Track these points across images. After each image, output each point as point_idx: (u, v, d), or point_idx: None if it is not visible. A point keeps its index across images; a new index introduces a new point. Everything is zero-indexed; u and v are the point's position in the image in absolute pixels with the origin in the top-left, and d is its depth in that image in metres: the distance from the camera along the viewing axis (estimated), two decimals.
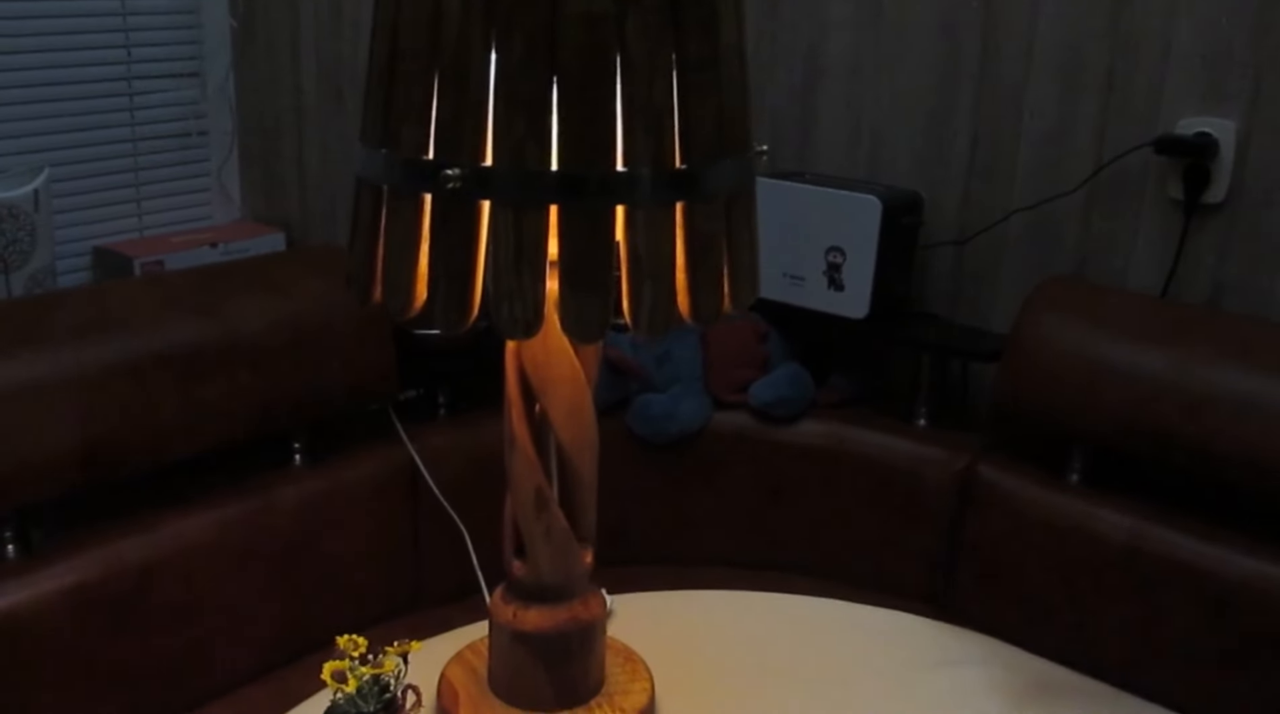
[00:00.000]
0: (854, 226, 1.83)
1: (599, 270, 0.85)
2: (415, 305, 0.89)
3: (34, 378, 1.44)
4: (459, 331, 0.88)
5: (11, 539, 1.47)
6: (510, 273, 0.84)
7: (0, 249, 1.58)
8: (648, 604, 1.31)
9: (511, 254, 0.84)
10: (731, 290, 0.93)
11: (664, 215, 0.86)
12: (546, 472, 1.03)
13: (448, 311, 0.87)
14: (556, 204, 0.84)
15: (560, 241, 0.84)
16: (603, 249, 0.85)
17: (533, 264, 0.85)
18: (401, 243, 0.88)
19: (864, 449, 1.85)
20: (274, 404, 1.63)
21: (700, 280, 0.89)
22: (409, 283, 0.89)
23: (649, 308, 0.87)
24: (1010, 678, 1.21)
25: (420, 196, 0.86)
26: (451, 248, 0.86)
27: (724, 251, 0.91)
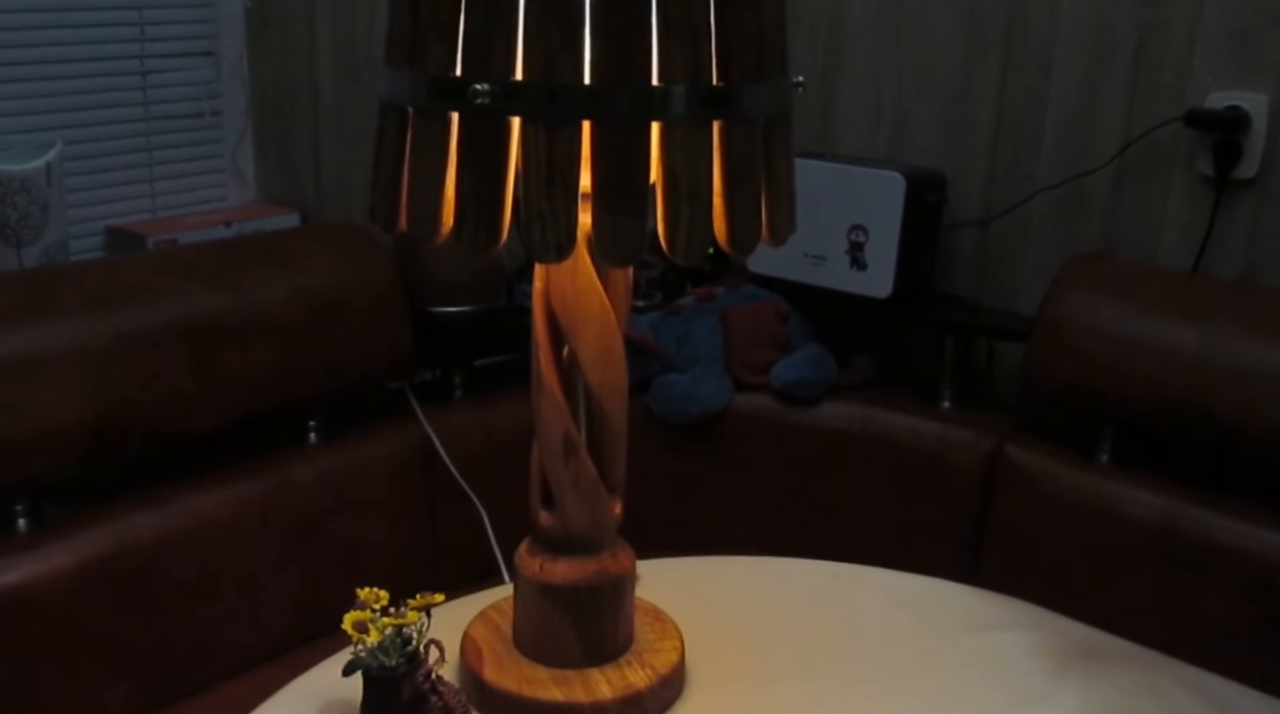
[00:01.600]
0: (877, 205, 1.80)
1: (633, 190, 0.82)
2: (442, 231, 0.86)
3: (44, 349, 1.41)
4: (487, 254, 0.85)
5: (23, 513, 1.44)
6: (542, 193, 0.81)
7: (13, 223, 1.56)
8: (674, 569, 1.28)
9: (543, 173, 0.81)
10: (769, 220, 0.90)
11: (701, 134, 0.83)
12: (575, 417, 0.99)
13: (476, 235, 0.84)
14: (590, 120, 0.81)
15: (593, 160, 0.82)
16: (638, 168, 0.82)
17: (565, 184, 0.82)
18: (428, 166, 0.85)
19: (888, 431, 1.81)
20: (289, 379, 1.60)
21: (738, 206, 0.86)
22: (435, 208, 0.86)
23: (686, 232, 0.84)
24: (1051, 642, 1.17)
25: (447, 116, 0.84)
26: (480, 169, 0.83)
27: (762, 178, 0.88)
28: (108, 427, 1.44)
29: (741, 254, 0.87)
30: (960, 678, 1.11)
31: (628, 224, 0.82)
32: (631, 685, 1.02)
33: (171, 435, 1.52)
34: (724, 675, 1.10)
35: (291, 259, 1.62)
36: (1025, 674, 1.12)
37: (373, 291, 1.68)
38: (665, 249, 0.84)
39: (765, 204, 0.89)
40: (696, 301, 1.90)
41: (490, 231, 0.84)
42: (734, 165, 0.85)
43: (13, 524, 1.43)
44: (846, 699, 1.08)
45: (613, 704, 1.01)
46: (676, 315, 1.88)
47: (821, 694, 1.08)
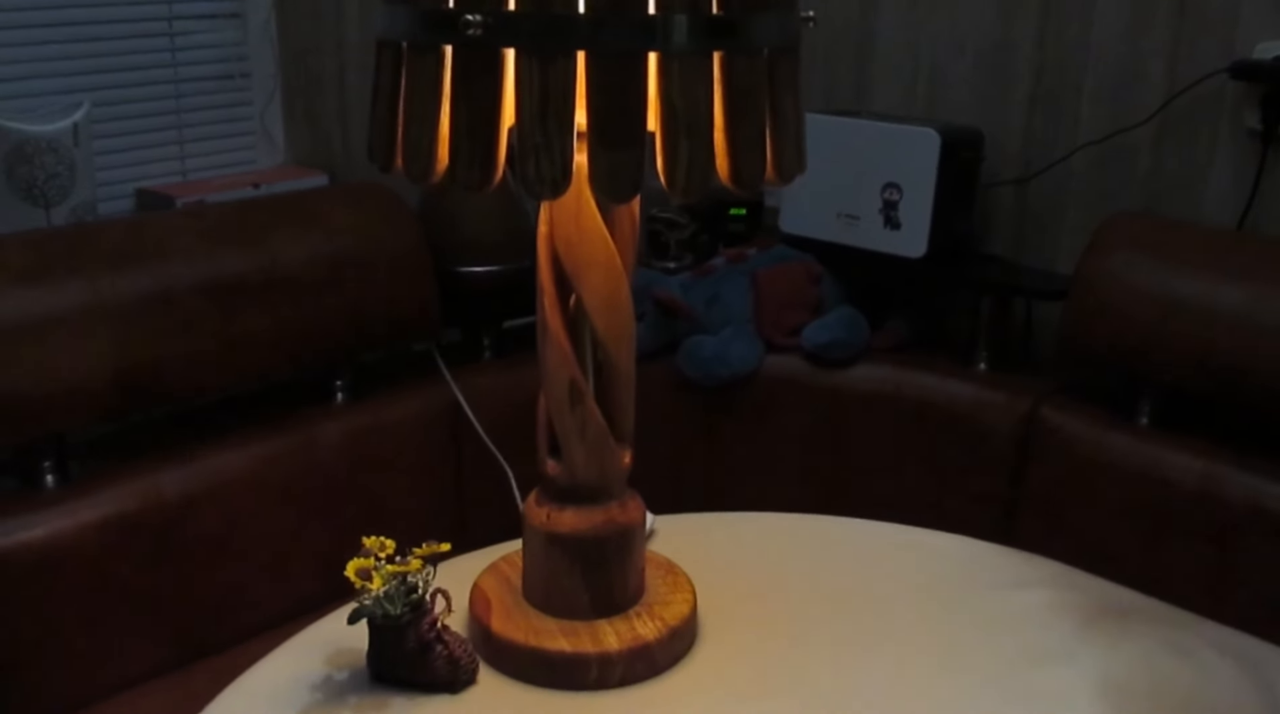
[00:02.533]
0: (911, 162, 1.76)
1: (630, 124, 0.80)
2: (437, 169, 0.85)
3: (68, 307, 1.42)
4: (481, 192, 0.83)
5: (50, 469, 1.45)
6: (536, 126, 0.80)
7: (40, 183, 1.57)
8: (690, 524, 1.26)
9: (537, 106, 0.79)
10: (775, 157, 0.87)
11: (701, 65, 0.81)
12: (582, 364, 0.98)
13: (470, 171, 0.82)
14: (585, 50, 0.78)
15: (589, 92, 0.80)
16: (634, 100, 0.80)
17: (560, 117, 0.80)
18: (422, 101, 0.83)
19: (922, 393, 1.78)
20: (313, 338, 1.60)
21: (741, 140, 0.84)
22: (430, 145, 0.84)
23: (685, 167, 0.82)
24: (1075, 600, 1.14)
25: (440, 49, 0.82)
26: (474, 103, 0.81)
27: (766, 112, 0.85)
28: (131, 384, 1.45)
29: (745, 190, 0.85)
30: (980, 635, 1.09)
31: (624, 159, 0.80)
32: (640, 637, 1.01)
33: (195, 393, 1.52)
34: (737, 630, 1.08)
35: (315, 219, 1.61)
36: (1047, 632, 1.09)
37: (397, 251, 1.67)
38: (664, 185, 0.82)
39: (770, 140, 0.86)
40: (727, 263, 1.87)
41: (484, 169, 0.82)
42: (736, 98, 0.82)
43: (40, 480, 1.44)
44: (861, 655, 1.05)
45: (620, 655, 1.00)
46: (707, 277, 1.86)
47: (836, 650, 1.06)
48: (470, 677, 1.00)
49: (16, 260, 1.41)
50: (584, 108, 0.80)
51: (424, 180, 0.85)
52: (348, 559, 0.96)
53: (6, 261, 1.40)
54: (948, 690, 1.01)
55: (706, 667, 1.03)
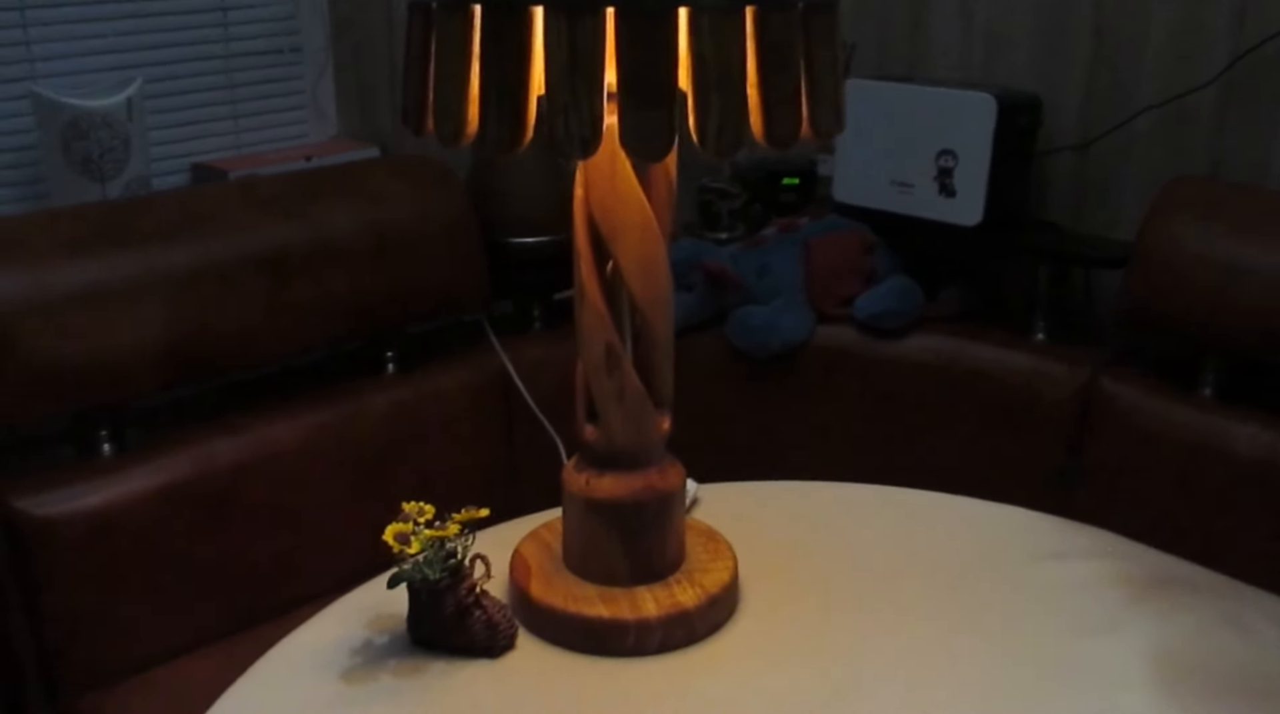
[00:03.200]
0: (967, 129, 1.72)
1: (661, 81, 0.79)
2: (467, 130, 0.84)
3: (122, 278, 1.43)
4: (510, 154, 0.82)
5: (107, 438, 1.47)
6: (564, 85, 0.79)
7: (96, 157, 1.59)
8: (737, 493, 1.25)
9: (565, 64, 0.78)
10: (811, 115, 0.86)
11: (733, 20, 0.79)
12: (619, 328, 0.97)
13: (500, 132, 0.82)
14: (613, 7, 0.77)
15: (618, 50, 0.78)
16: (665, 57, 0.78)
17: (589, 75, 0.79)
18: (451, 62, 0.83)
19: (977, 364, 1.75)
20: (363, 309, 1.61)
21: (774, 97, 0.82)
22: (459, 106, 0.84)
23: (717, 124, 0.80)
24: (1127, 571, 1.11)
25: (469, 9, 0.81)
26: (502, 62, 0.81)
27: (801, 68, 0.84)
28: (182, 354, 1.47)
29: (778, 148, 0.84)
30: (1026, 605, 1.07)
31: (655, 117, 0.79)
32: (679, 604, 1.00)
33: (245, 364, 1.53)
34: (779, 599, 1.07)
35: (364, 191, 1.62)
36: (1095, 602, 1.07)
37: (446, 223, 1.67)
38: (696, 141, 0.81)
39: (806, 97, 0.84)
40: (779, 232, 1.85)
41: (513, 130, 0.82)
42: (769, 54, 0.81)
43: (97, 449, 1.46)
44: (902, 625, 1.04)
45: (658, 622, 0.99)
46: (758, 247, 1.84)
47: (877, 620, 1.05)
48: (509, 642, 1.00)
49: (71, 233, 1.43)
50: (614, 66, 0.79)
51: (454, 142, 0.84)
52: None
53: (61, 234, 1.42)
54: (992, 660, 0.99)
55: (746, 634, 1.03)
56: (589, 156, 0.80)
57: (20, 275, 1.38)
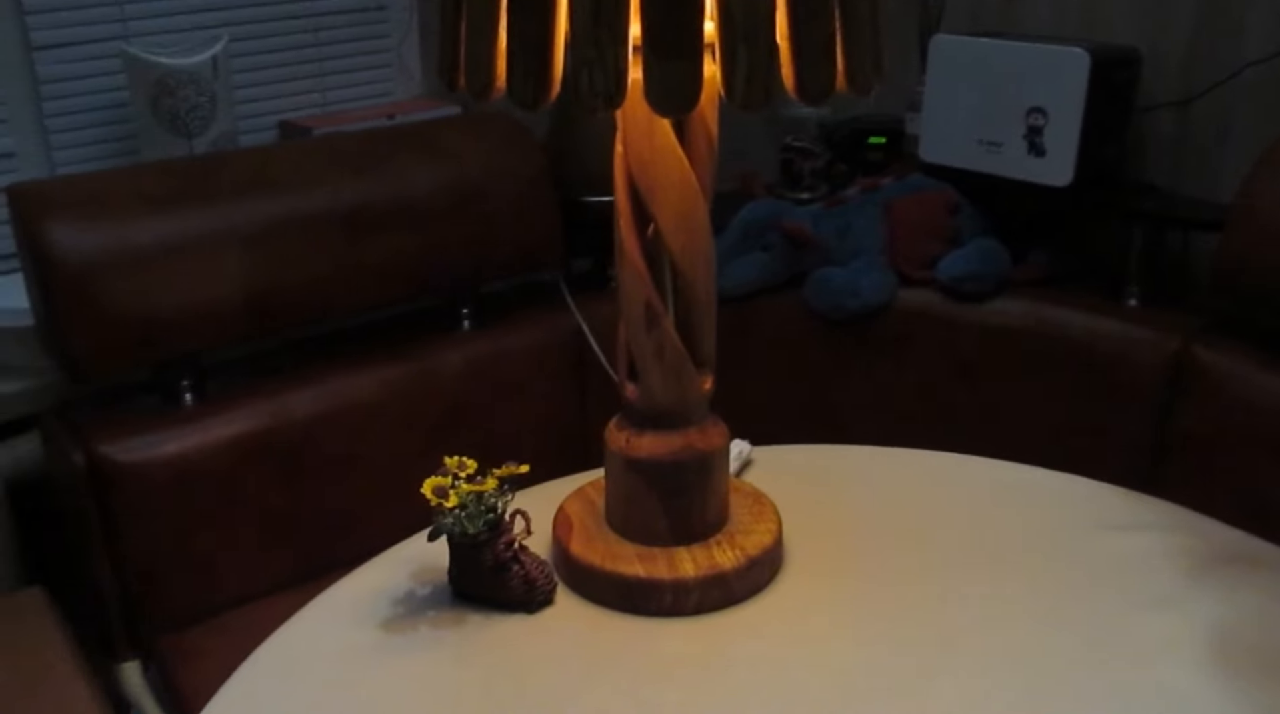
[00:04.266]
0: (1058, 85, 1.67)
1: (685, 33, 0.77)
2: (496, 85, 0.84)
3: (202, 232, 1.47)
4: (537, 109, 0.82)
5: (188, 388, 1.51)
6: (589, 39, 0.78)
7: (183, 115, 1.63)
8: (793, 455, 1.23)
9: (589, 17, 0.77)
10: (846, 66, 0.83)
11: None
12: (658, 286, 0.96)
13: (526, 87, 0.81)
14: None
15: (642, 1, 0.77)
16: (689, 7, 0.77)
17: (612, 27, 0.77)
18: (481, 17, 0.83)
19: (1064, 330, 1.70)
20: (438, 266, 1.62)
21: (806, 48, 0.80)
22: (489, 60, 0.83)
23: (744, 75, 0.79)
24: (1192, 545, 1.07)
25: None
26: (528, 16, 0.80)
27: (836, 17, 0.81)
28: (260, 308, 1.50)
29: (811, 101, 0.81)
30: (1083, 577, 1.03)
31: (679, 70, 0.78)
32: (717, 565, 0.99)
33: (321, 318, 1.56)
34: (823, 563, 1.06)
35: (440, 148, 1.63)
36: (1155, 576, 1.03)
37: (522, 180, 1.67)
38: (724, 94, 0.79)
39: (841, 47, 0.82)
40: (860, 192, 1.82)
41: (540, 84, 0.81)
42: (799, 2, 0.78)
43: (179, 399, 1.51)
44: (949, 594, 1.02)
45: (695, 583, 0.98)
46: (839, 207, 1.81)
47: (923, 588, 1.02)
48: (547, 597, 1.01)
49: (154, 188, 1.47)
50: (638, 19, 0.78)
51: (484, 97, 0.84)
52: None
53: (145, 189, 1.46)
54: (1041, 631, 0.96)
55: (786, 598, 1.01)
56: (613, 111, 0.79)
57: (106, 230, 1.42)
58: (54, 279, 1.38)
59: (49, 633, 1.41)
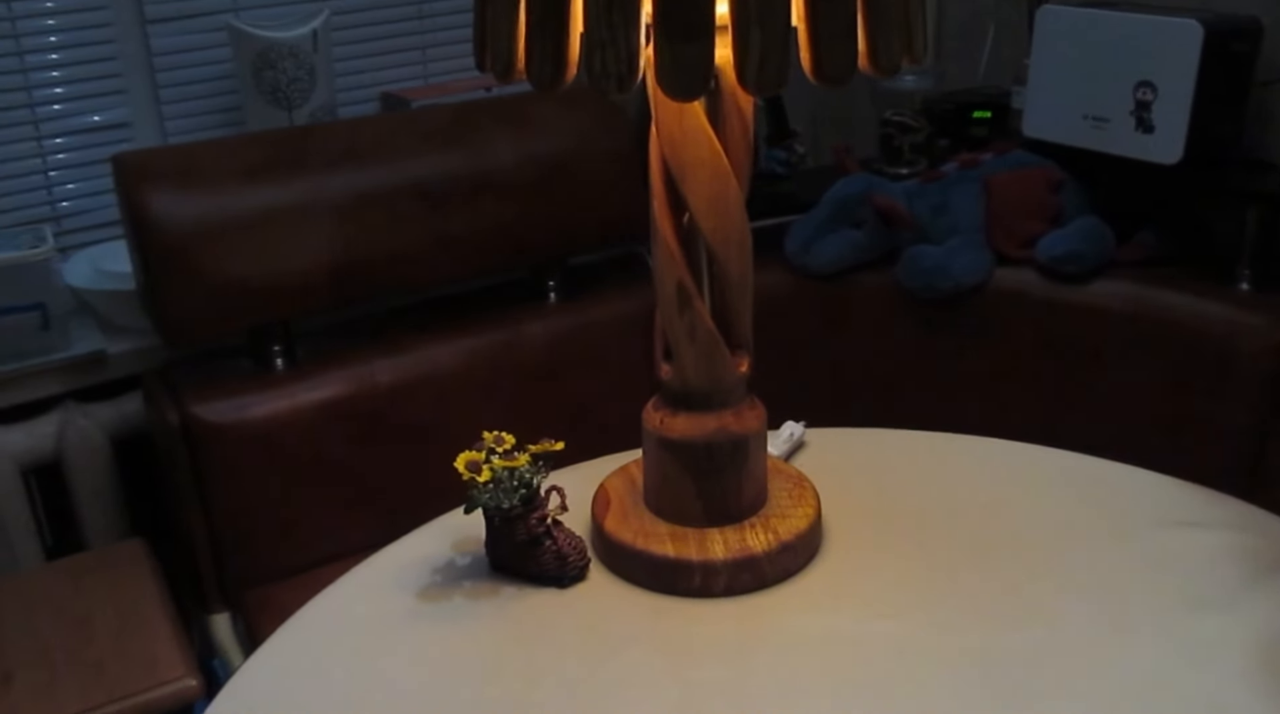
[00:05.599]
0: (1168, 58, 1.59)
1: (696, 14, 0.76)
2: (517, 66, 0.85)
3: (293, 202, 1.51)
4: (553, 90, 0.82)
5: (279, 353, 1.57)
6: (601, 20, 0.78)
7: (283, 87, 1.68)
8: (849, 438, 1.21)
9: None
10: (870, 47, 0.81)
11: None
12: (692, 267, 0.95)
13: (543, 68, 0.81)
14: None
15: None
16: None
17: (625, 9, 0.77)
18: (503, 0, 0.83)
19: (1169, 314, 1.63)
20: (524, 239, 1.64)
21: (824, 30, 0.78)
22: (510, 42, 0.84)
23: (757, 59, 0.77)
24: (1257, 545, 1.02)
25: None
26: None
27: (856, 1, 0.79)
28: (346, 277, 1.54)
29: (831, 85, 0.80)
30: (1137, 573, 1.00)
31: (690, 52, 0.77)
32: (747, 548, 0.99)
33: (406, 288, 1.60)
34: (863, 550, 1.05)
35: (528, 121, 1.64)
36: (1213, 576, 0.99)
37: (610, 155, 1.68)
38: (736, 77, 0.78)
39: (864, 27, 0.80)
40: (959, 168, 1.77)
41: (556, 66, 0.81)
42: None
43: (270, 363, 1.56)
44: (989, 585, 0.99)
45: (724, 565, 0.98)
46: (936, 182, 1.76)
47: (962, 578, 1.00)
48: (579, 573, 1.02)
49: (250, 158, 1.52)
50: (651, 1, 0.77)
51: (506, 78, 0.85)
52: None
53: (240, 160, 1.52)
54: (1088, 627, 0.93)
55: (819, 583, 1.00)
56: (626, 93, 0.79)
57: (203, 199, 1.48)
58: (151, 246, 1.44)
59: (145, 583, 1.49)
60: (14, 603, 1.45)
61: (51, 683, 1.31)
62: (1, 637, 1.39)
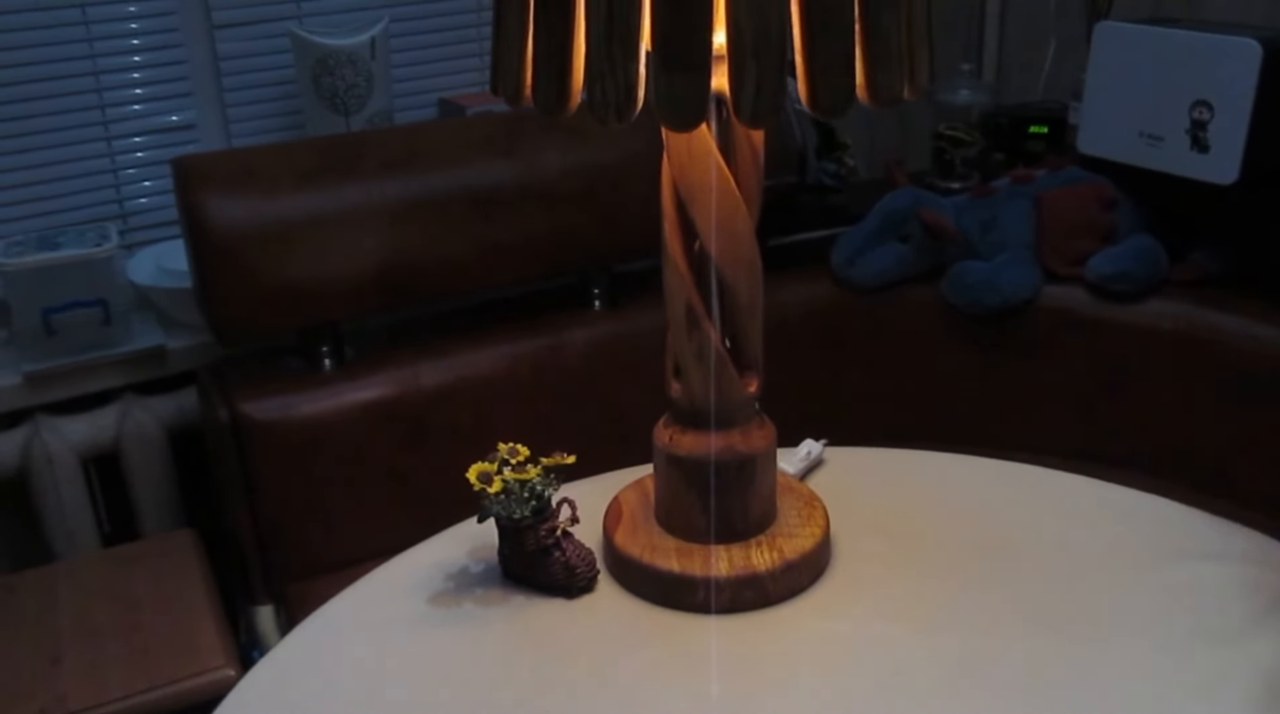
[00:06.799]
0: (1226, 77, 1.57)
1: (693, 46, 0.78)
2: (525, 91, 0.87)
3: (344, 207, 1.55)
4: (557, 116, 0.84)
5: (329, 354, 1.61)
6: (602, 50, 0.79)
7: (341, 93, 1.72)
8: (867, 458, 1.22)
9: (603, 29, 0.79)
10: (869, 80, 0.82)
11: None
12: (701, 288, 0.97)
13: (548, 96, 0.83)
14: None
15: (652, 14, 0.78)
16: (698, 21, 0.77)
17: (625, 41, 0.79)
18: (512, 25, 0.85)
19: (1221, 335, 1.61)
20: (568, 247, 1.66)
21: (819, 63, 0.79)
22: (518, 67, 0.86)
23: (752, 90, 0.78)
24: (1271, 580, 1.01)
25: None
26: (550, 27, 0.82)
27: (856, 31, 0.80)
28: (394, 281, 1.58)
29: (826, 116, 0.81)
30: (1141, 606, 0.99)
31: (686, 83, 0.78)
32: (751, 566, 1.00)
33: (453, 293, 1.63)
34: (870, 571, 1.05)
35: (577, 131, 1.67)
36: (1223, 610, 0.98)
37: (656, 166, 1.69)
38: (731, 108, 0.79)
39: (863, 60, 0.81)
40: (1011, 183, 1.76)
41: (560, 93, 0.83)
42: (813, 17, 0.78)
43: (320, 363, 1.61)
44: (995, 613, 0.99)
45: (727, 582, 1.00)
46: (986, 198, 1.75)
47: (968, 604, 1.00)
48: (587, 584, 1.04)
49: (304, 163, 1.56)
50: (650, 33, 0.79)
51: (515, 103, 0.87)
52: (590, 457, 1.02)
53: (295, 165, 1.56)
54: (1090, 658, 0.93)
55: (823, 603, 1.01)
56: (625, 123, 0.81)
57: (258, 203, 1.52)
58: (206, 248, 1.49)
59: (193, 573, 1.54)
60: (70, 587, 1.51)
61: (98, 666, 1.36)
62: (56, 619, 1.45)
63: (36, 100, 1.68)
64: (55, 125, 1.70)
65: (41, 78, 1.68)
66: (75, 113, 1.71)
